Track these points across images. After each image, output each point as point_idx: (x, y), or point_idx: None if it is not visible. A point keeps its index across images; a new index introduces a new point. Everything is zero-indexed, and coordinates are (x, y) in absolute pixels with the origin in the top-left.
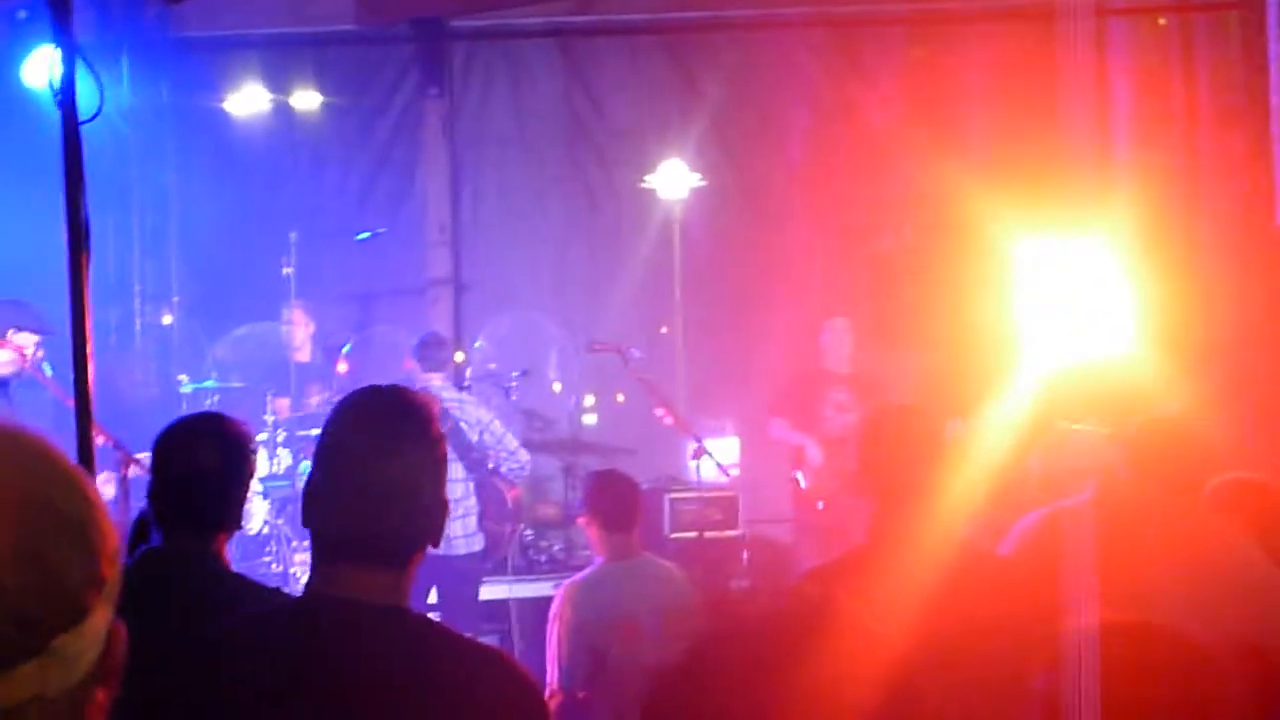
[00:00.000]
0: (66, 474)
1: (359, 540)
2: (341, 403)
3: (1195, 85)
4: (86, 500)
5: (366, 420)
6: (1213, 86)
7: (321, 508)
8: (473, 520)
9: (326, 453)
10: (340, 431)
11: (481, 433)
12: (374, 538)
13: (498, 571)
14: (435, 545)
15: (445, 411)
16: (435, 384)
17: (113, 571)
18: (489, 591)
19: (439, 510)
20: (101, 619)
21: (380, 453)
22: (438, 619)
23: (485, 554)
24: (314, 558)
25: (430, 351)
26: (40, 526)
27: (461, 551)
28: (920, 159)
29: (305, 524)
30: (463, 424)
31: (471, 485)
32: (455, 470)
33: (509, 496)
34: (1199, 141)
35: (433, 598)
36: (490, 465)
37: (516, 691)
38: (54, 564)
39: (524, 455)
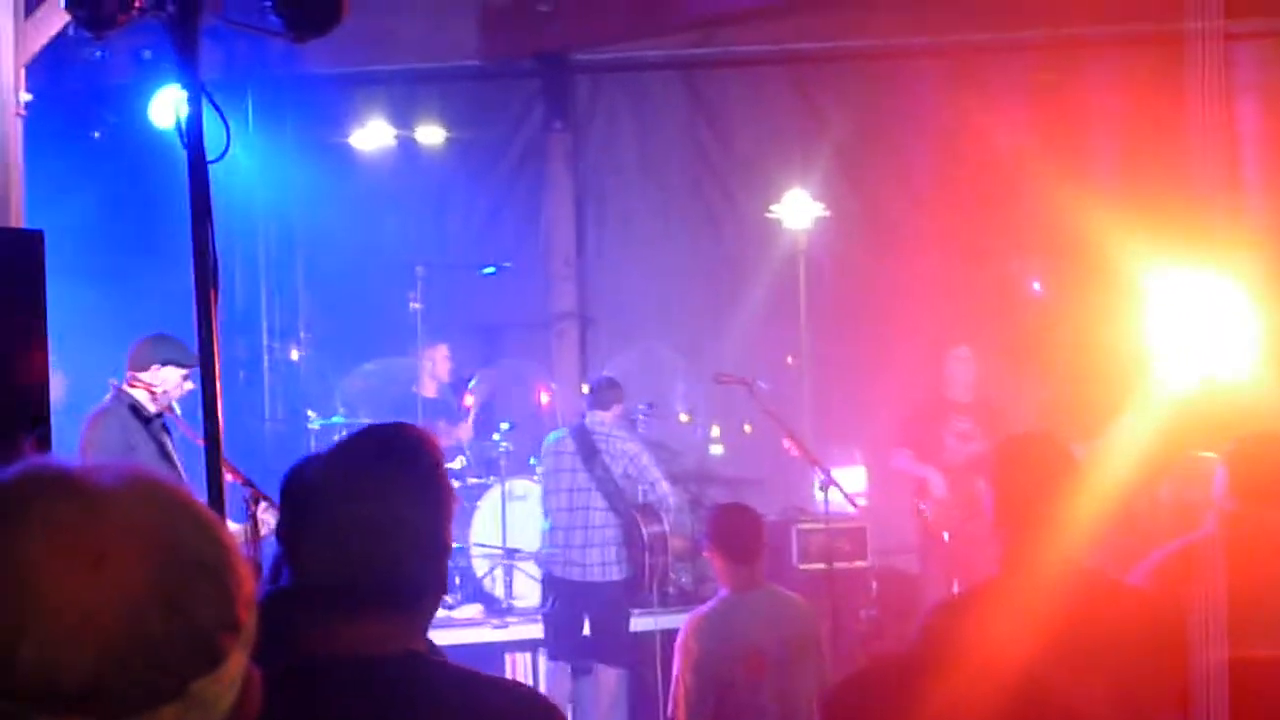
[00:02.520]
0: (202, 520)
1: (357, 588)
2: (333, 446)
3: None
4: (222, 546)
5: (355, 460)
6: None
7: (306, 556)
8: (612, 550)
9: (311, 496)
10: (327, 472)
11: (626, 465)
12: (367, 583)
13: (638, 604)
14: (441, 589)
15: (593, 445)
16: (598, 418)
17: (248, 616)
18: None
19: (437, 549)
20: (237, 664)
21: (365, 493)
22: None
23: (628, 584)
24: (304, 612)
25: (603, 394)
26: (178, 572)
27: (598, 579)
28: (1047, 185)
29: (289, 578)
30: (606, 456)
31: (611, 515)
32: (595, 499)
33: (645, 530)
34: None
35: (586, 629)
36: (637, 498)
37: None
38: (191, 609)
39: (664, 487)
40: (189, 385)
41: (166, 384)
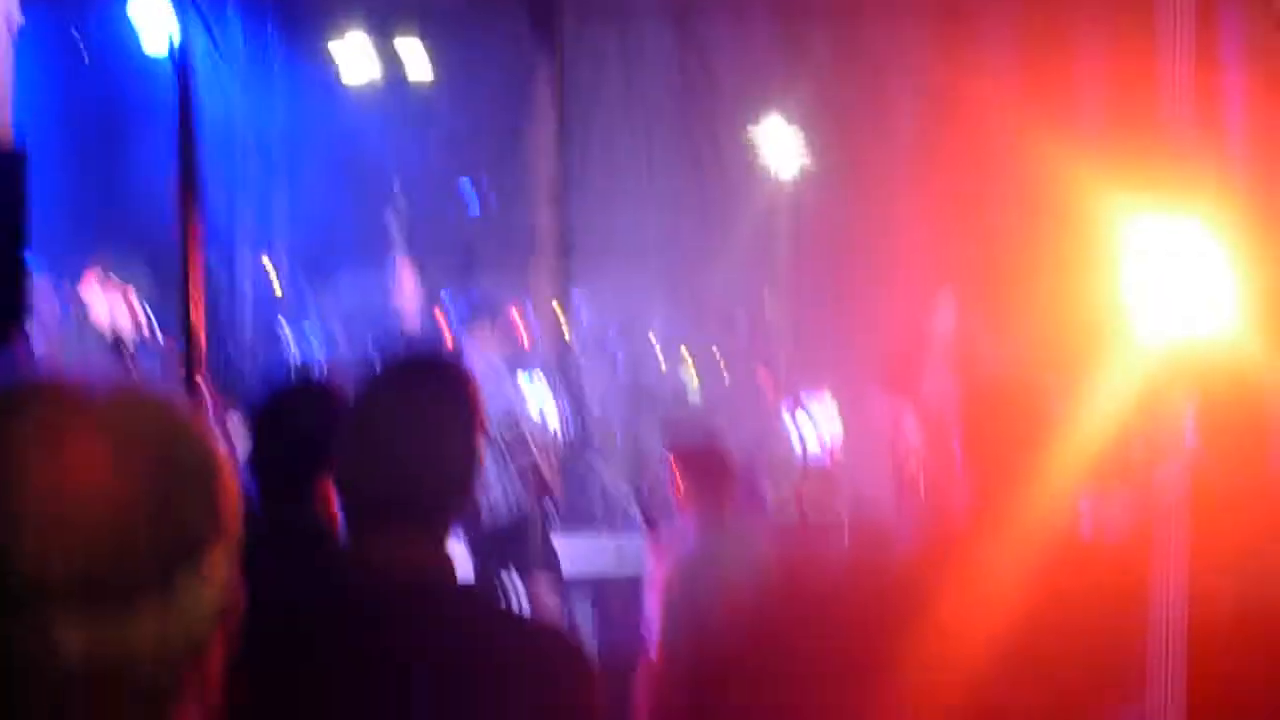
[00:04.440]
0: (192, 428)
1: (399, 503)
2: (372, 369)
3: None
4: (211, 457)
5: (395, 382)
6: None
7: (356, 470)
8: None
9: (358, 416)
10: (371, 394)
11: None
12: (414, 500)
13: None
14: (467, 507)
15: None
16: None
17: (234, 526)
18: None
19: (476, 469)
20: (221, 569)
21: (410, 413)
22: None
23: None
24: (352, 523)
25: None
26: (167, 477)
27: None
28: (1031, 133)
29: (339, 488)
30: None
31: None
32: None
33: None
34: None
35: None
36: None
37: (570, 660)
38: (179, 513)
39: None
40: (124, 319)
41: (105, 305)
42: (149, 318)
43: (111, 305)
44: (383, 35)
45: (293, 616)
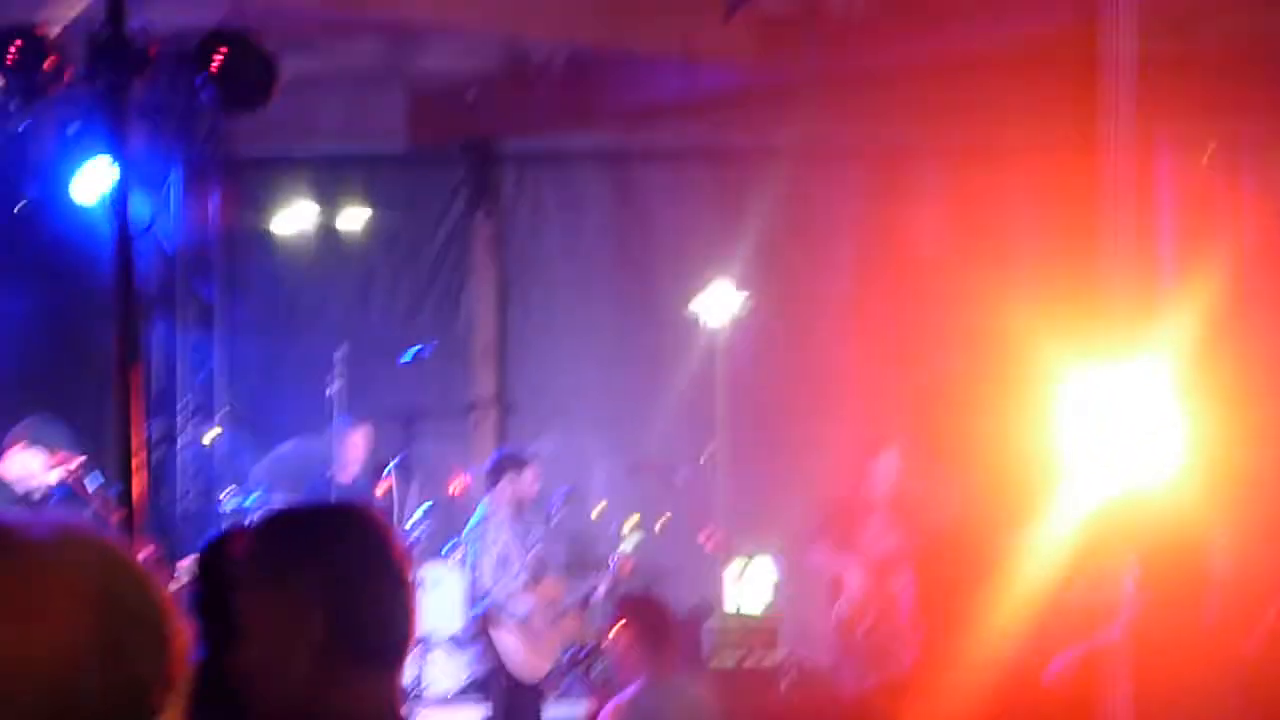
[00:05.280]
0: (138, 574)
1: (398, 647)
2: (332, 515)
3: (1243, 213)
4: (158, 599)
5: (372, 531)
6: (1261, 214)
7: (368, 610)
8: None
9: (362, 559)
10: (361, 538)
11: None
12: (406, 643)
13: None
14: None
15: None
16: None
17: (181, 671)
18: None
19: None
20: (171, 718)
21: (388, 558)
22: None
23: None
24: (335, 661)
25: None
26: (115, 625)
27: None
28: (967, 285)
29: (352, 628)
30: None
31: None
32: None
33: None
34: (1247, 269)
35: None
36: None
37: None
38: (129, 662)
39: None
40: (54, 475)
41: (27, 469)
42: (82, 471)
43: (30, 465)
44: (325, 197)
45: None
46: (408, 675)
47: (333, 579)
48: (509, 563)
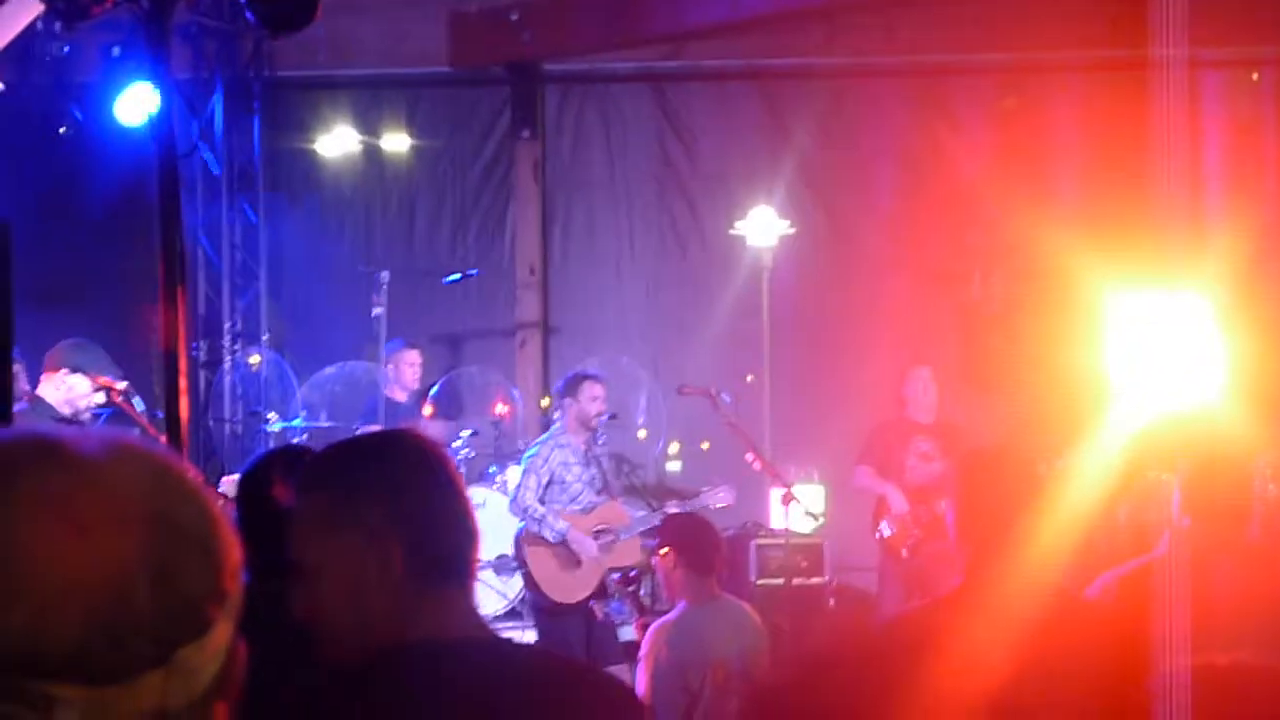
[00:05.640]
0: (190, 489)
1: (466, 559)
2: (384, 444)
3: None
4: (210, 514)
5: (431, 455)
6: None
7: (436, 526)
8: None
9: (413, 474)
10: (419, 463)
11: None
12: (473, 555)
13: None
14: None
15: None
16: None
17: (235, 586)
18: None
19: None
20: (223, 633)
21: (448, 474)
22: None
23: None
24: (417, 587)
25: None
26: (166, 541)
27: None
28: (1010, 208)
29: (428, 552)
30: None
31: None
32: None
33: None
34: None
35: None
36: None
37: (616, 702)
38: (179, 578)
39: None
40: (98, 397)
41: (73, 391)
42: (129, 392)
43: (70, 387)
44: (367, 120)
45: (364, 676)
46: None
47: (404, 509)
48: (562, 484)
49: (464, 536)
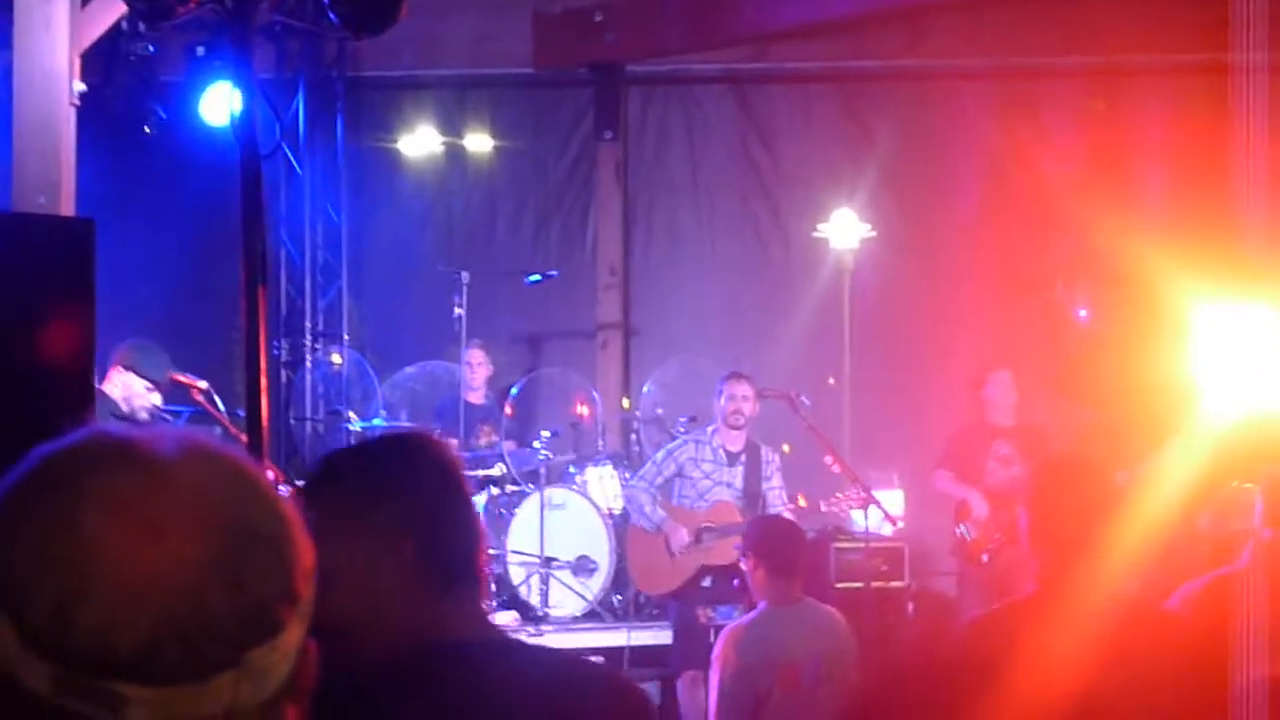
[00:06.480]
0: (263, 490)
1: (474, 562)
2: (395, 446)
3: None
4: (283, 517)
5: (440, 456)
6: None
7: (448, 530)
8: None
9: (434, 479)
10: (429, 464)
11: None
12: (480, 562)
13: None
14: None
15: None
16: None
17: (307, 588)
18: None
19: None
20: (294, 635)
21: (456, 479)
22: None
23: None
24: (431, 588)
25: None
26: (239, 543)
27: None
28: (1094, 213)
29: (441, 553)
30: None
31: None
32: None
33: None
34: None
35: None
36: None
37: (626, 704)
38: (251, 579)
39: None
40: (155, 398)
41: (129, 389)
42: (209, 391)
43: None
44: (450, 120)
45: (374, 679)
46: (534, 598)
47: (416, 510)
48: (689, 479)
49: (473, 539)
